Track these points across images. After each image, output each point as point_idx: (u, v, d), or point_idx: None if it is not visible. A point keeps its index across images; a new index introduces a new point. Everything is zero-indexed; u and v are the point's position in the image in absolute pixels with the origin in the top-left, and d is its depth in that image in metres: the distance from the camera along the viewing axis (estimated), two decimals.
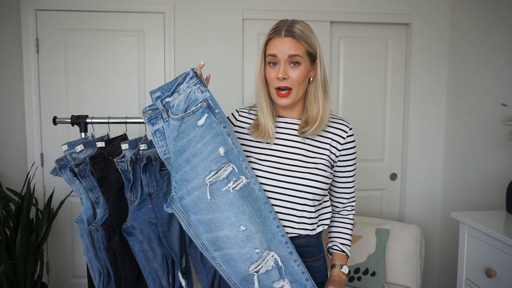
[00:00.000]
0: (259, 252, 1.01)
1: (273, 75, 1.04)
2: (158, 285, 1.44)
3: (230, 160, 1.02)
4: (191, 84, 1.01)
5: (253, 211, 1.02)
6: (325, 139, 1.10)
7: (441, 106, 2.37)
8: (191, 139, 1.02)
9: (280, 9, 2.26)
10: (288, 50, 1.01)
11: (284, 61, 1.02)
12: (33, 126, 2.20)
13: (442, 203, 2.40)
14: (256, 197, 1.03)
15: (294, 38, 1.01)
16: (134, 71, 2.24)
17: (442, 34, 2.33)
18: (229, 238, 1.01)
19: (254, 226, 1.01)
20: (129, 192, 1.37)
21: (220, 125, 1.02)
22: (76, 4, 2.16)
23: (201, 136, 1.02)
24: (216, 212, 1.02)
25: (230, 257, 1.02)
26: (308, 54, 1.04)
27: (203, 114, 1.01)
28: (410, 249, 1.98)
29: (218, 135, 1.02)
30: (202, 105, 1.01)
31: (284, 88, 1.03)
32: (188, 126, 1.02)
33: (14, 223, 1.83)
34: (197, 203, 1.03)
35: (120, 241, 1.40)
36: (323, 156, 1.08)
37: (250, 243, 1.01)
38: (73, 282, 2.31)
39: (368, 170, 2.43)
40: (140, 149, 1.39)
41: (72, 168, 1.34)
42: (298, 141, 1.09)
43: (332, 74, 2.37)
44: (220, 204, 1.02)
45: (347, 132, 1.11)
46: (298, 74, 1.03)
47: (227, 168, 1.02)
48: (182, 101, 1.02)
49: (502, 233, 1.39)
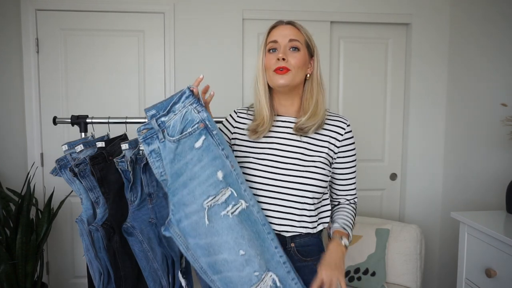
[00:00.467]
0: (258, 275, 1.00)
1: (273, 60, 1.06)
2: (158, 285, 1.44)
3: (228, 183, 0.99)
4: (187, 104, 0.98)
5: (252, 234, 1.00)
6: (323, 137, 1.10)
7: (441, 106, 2.37)
8: (188, 161, 0.99)
9: (280, 9, 2.26)
10: (289, 35, 1.06)
11: (284, 45, 1.06)
12: (33, 126, 2.20)
13: (442, 203, 2.40)
14: (255, 219, 1.02)
15: (295, 26, 1.08)
16: (134, 71, 2.24)
17: (442, 34, 2.33)
18: (228, 262, 1.00)
19: (253, 249, 0.99)
20: (129, 192, 1.37)
21: (219, 147, 0.99)
22: (76, 4, 2.16)
23: (199, 159, 0.99)
24: (215, 236, 0.99)
25: (229, 279, 1.00)
26: (307, 45, 1.09)
27: (200, 136, 0.98)
28: (410, 249, 1.98)
29: (216, 158, 0.99)
30: (199, 126, 0.98)
31: (282, 68, 1.04)
32: (185, 148, 0.98)
33: (14, 223, 1.83)
34: (195, 228, 1.00)
35: (120, 241, 1.40)
36: (322, 154, 1.09)
37: (249, 267, 0.99)
38: (73, 282, 2.31)
39: (368, 170, 2.43)
40: (140, 149, 1.39)
41: (72, 168, 1.34)
42: (296, 139, 1.10)
43: (332, 74, 2.37)
44: (218, 228, 0.99)
45: (345, 128, 1.12)
46: (297, 59, 1.05)
47: (225, 192, 0.99)
48: (178, 121, 0.98)
49: (502, 233, 1.39)
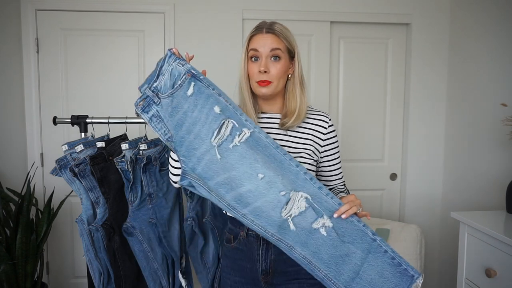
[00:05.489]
0: (286, 194, 1.00)
1: (255, 70, 1.11)
2: (158, 285, 1.44)
3: (227, 116, 1.05)
4: (171, 62, 1.06)
5: (266, 158, 1.02)
6: (307, 130, 1.16)
7: (441, 106, 2.37)
8: (186, 110, 1.06)
9: (280, 9, 2.26)
10: (270, 44, 1.09)
11: (265, 55, 1.10)
12: (33, 126, 2.20)
13: (442, 203, 2.40)
14: (265, 144, 1.04)
15: (275, 34, 1.10)
16: (134, 71, 2.24)
17: (442, 34, 2.33)
18: (252, 191, 1.01)
19: (271, 170, 1.01)
20: (129, 192, 1.37)
21: (209, 88, 1.06)
22: (76, 4, 2.16)
23: (195, 104, 1.06)
24: (232, 170, 1.02)
25: (260, 209, 1.01)
26: (288, 51, 1.13)
27: (189, 84, 1.06)
28: (410, 249, 1.98)
29: (209, 96, 1.06)
30: (187, 77, 1.06)
31: (264, 81, 1.10)
32: (180, 99, 1.06)
33: (14, 223, 1.83)
34: (210, 167, 1.03)
35: (120, 241, 1.40)
36: (307, 146, 1.14)
37: (273, 188, 1.00)
38: (73, 282, 2.31)
39: (368, 170, 2.43)
40: (140, 149, 1.40)
41: (72, 168, 1.34)
42: (281, 133, 1.14)
43: (332, 74, 2.37)
44: (232, 161, 1.03)
45: (328, 122, 1.18)
46: (278, 69, 1.10)
47: (228, 124, 1.04)
48: (168, 79, 1.06)
49: (502, 233, 1.39)
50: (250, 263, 1.13)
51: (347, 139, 2.40)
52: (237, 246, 1.15)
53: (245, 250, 1.13)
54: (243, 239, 1.13)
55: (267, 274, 1.11)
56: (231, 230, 1.18)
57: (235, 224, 1.15)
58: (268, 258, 1.10)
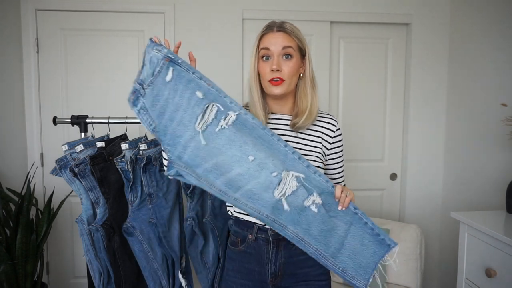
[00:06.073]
0: (277, 175, 1.00)
1: (267, 69, 1.09)
2: (158, 285, 1.44)
3: (211, 100, 1.02)
4: (150, 50, 1.02)
5: (255, 139, 1.01)
6: (316, 133, 1.15)
7: (441, 106, 2.37)
8: (167, 97, 1.01)
9: (280, 9, 2.26)
10: (281, 43, 1.08)
11: (277, 54, 1.08)
12: (33, 126, 2.20)
13: (442, 203, 2.40)
14: (252, 125, 1.03)
15: (286, 32, 1.09)
16: (134, 71, 2.20)
17: (442, 34, 2.33)
18: (242, 174, 1.00)
19: (262, 152, 1.00)
20: (129, 192, 1.37)
21: (189, 72, 1.02)
22: (76, 4, 2.16)
23: (175, 90, 1.01)
24: (220, 155, 1.01)
25: (251, 192, 1.01)
26: (299, 49, 1.11)
27: (168, 70, 1.01)
28: (410, 249, 1.98)
29: (190, 81, 1.01)
30: (164, 62, 1.01)
31: (277, 79, 1.07)
32: (160, 87, 1.01)
33: (14, 223, 1.83)
34: (197, 154, 1.01)
35: (120, 241, 1.40)
36: (317, 149, 1.13)
37: (265, 170, 1.00)
38: (73, 282, 2.31)
39: (368, 170, 2.43)
40: (140, 149, 1.40)
41: (72, 168, 1.34)
42: (292, 135, 1.13)
43: (332, 74, 2.37)
44: (219, 146, 1.01)
45: (336, 126, 1.18)
46: (290, 67, 1.08)
47: (212, 108, 1.02)
48: (148, 68, 1.02)
49: (502, 233, 1.39)
50: (259, 266, 1.11)
51: (347, 139, 2.40)
52: (245, 250, 1.13)
53: (253, 254, 1.12)
54: (252, 242, 1.11)
55: (276, 277, 1.10)
56: (238, 233, 1.16)
57: (242, 227, 1.14)
58: (278, 261, 1.09)
